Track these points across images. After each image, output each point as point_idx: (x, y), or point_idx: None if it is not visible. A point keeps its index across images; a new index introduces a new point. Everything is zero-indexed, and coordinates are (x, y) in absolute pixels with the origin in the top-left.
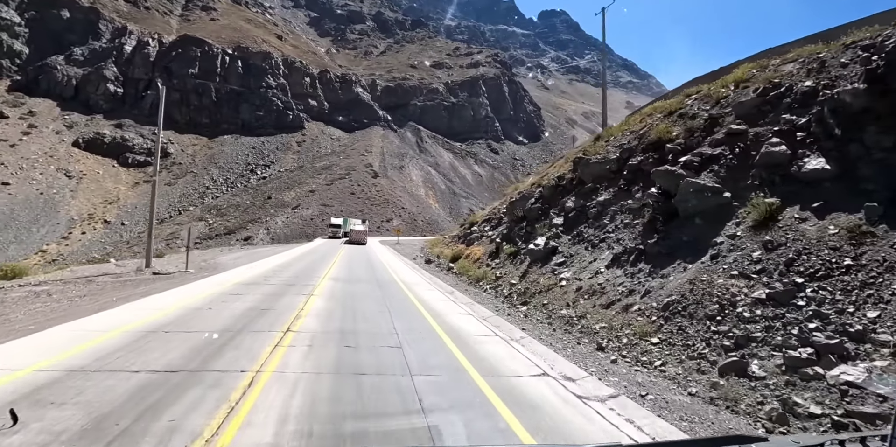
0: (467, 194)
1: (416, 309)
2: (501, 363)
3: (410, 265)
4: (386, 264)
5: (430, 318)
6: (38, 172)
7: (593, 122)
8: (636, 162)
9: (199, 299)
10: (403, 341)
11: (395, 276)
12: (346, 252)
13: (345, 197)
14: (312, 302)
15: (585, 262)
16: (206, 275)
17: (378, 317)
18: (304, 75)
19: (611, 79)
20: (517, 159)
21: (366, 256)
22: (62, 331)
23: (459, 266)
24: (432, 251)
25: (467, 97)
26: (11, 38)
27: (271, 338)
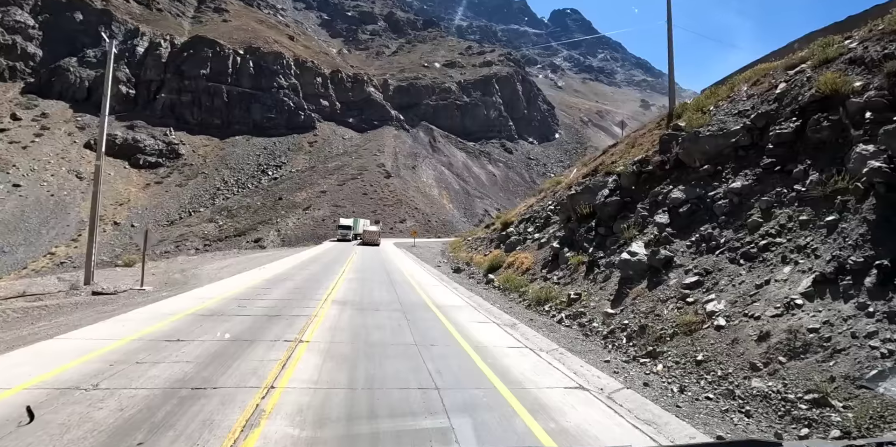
0: (482, 194)
1: (479, 371)
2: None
3: (437, 275)
4: (408, 275)
5: (517, 403)
6: (49, 174)
7: (608, 121)
8: (789, 129)
9: (93, 359)
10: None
11: (424, 295)
12: (357, 258)
13: (357, 197)
14: (296, 363)
15: (748, 285)
16: (165, 295)
17: (421, 411)
18: (316, 75)
19: (625, 77)
20: (531, 159)
21: (381, 263)
22: None
23: (504, 279)
24: (457, 256)
25: (480, 96)
26: (25, 40)
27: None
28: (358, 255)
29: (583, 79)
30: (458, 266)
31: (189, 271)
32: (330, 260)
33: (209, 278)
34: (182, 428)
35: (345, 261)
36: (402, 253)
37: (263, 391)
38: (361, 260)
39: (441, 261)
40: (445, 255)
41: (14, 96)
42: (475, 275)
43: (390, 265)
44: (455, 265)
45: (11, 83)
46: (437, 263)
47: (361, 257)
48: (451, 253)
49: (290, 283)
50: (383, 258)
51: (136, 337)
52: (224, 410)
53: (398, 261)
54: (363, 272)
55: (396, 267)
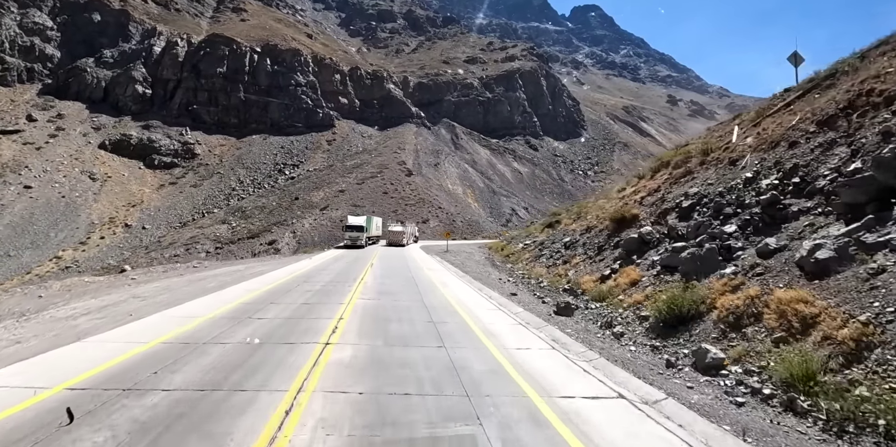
0: (508, 193)
1: None
2: None
3: (519, 318)
4: (467, 317)
5: None
6: (61, 175)
7: (635, 117)
8: None
9: None
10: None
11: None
12: (373, 273)
13: (377, 197)
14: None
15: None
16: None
17: None
18: (335, 72)
19: (648, 73)
20: (558, 156)
21: (411, 283)
22: None
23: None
24: (529, 272)
25: (503, 92)
26: (44, 42)
27: None
28: (372, 275)
29: (606, 75)
30: (562, 299)
31: (89, 311)
32: (334, 277)
33: (87, 331)
34: None
35: (355, 278)
36: (438, 264)
37: None
38: (379, 276)
39: (495, 275)
40: (500, 268)
41: (31, 98)
42: (631, 327)
43: (427, 286)
44: (545, 293)
45: (29, 85)
46: (508, 290)
47: (378, 271)
48: (506, 262)
49: (231, 352)
50: (412, 270)
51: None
52: None
53: (435, 276)
54: (381, 306)
55: (440, 293)
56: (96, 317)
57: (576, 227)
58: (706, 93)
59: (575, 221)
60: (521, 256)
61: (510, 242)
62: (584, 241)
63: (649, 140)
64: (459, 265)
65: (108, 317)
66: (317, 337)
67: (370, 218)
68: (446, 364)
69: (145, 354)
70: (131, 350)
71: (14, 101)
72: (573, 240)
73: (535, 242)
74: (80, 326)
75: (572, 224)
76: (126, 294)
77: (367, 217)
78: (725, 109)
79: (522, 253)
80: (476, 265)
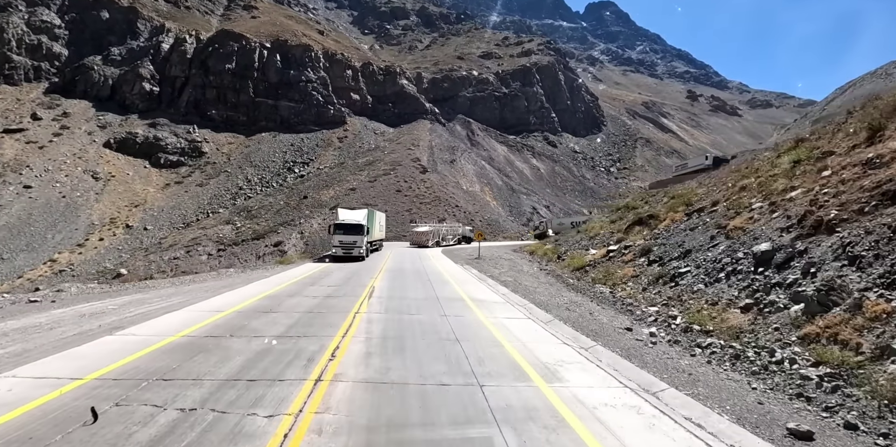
0: (528, 190)
1: None
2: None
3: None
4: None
5: None
6: (63, 174)
7: (655, 113)
8: None
9: None
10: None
11: None
12: (366, 332)
13: (390, 195)
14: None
15: None
16: None
17: None
18: (346, 68)
19: (666, 69)
20: (577, 152)
21: (459, 365)
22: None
23: None
24: (627, 295)
25: (520, 87)
26: (51, 40)
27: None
28: (379, 299)
29: (623, 71)
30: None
31: None
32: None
33: None
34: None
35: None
36: (481, 284)
37: None
38: (391, 327)
39: (636, 332)
40: (586, 293)
41: (37, 96)
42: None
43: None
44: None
45: (36, 83)
46: (597, 323)
47: (387, 312)
48: (582, 279)
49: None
50: (466, 353)
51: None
52: None
53: (531, 360)
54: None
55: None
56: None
57: (745, 224)
58: (726, 88)
59: (699, 214)
60: (611, 271)
61: (561, 244)
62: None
63: (671, 136)
64: (514, 286)
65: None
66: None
67: (372, 212)
68: None
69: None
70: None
71: (20, 99)
72: (776, 248)
73: (632, 248)
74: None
75: (732, 220)
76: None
77: (369, 211)
78: (747, 105)
79: (611, 266)
80: (539, 285)
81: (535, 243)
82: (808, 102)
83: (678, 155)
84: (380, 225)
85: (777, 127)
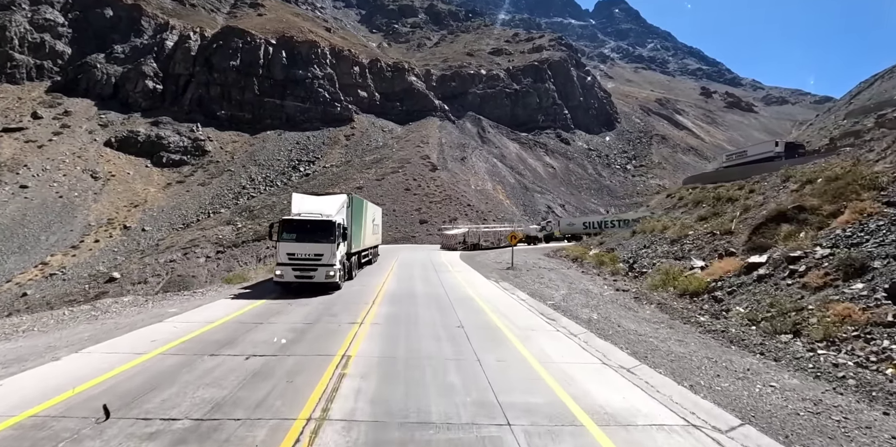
0: (542, 189)
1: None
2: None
3: None
4: None
5: None
6: (61, 174)
7: (669, 110)
8: None
9: None
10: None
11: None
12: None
13: (398, 193)
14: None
15: None
16: None
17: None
18: (353, 64)
19: (678, 66)
20: (591, 150)
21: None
22: None
23: None
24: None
25: (531, 83)
26: (54, 38)
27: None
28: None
29: (634, 68)
30: None
31: None
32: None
33: None
34: None
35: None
36: (554, 332)
37: None
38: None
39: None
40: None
41: (39, 95)
42: None
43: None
44: None
45: (38, 82)
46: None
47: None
48: (711, 320)
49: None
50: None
51: None
52: None
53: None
54: None
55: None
56: None
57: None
58: (739, 85)
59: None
60: (794, 306)
61: (615, 249)
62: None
63: (686, 133)
64: (614, 333)
65: None
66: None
67: (358, 202)
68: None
69: None
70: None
71: (21, 98)
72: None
73: (815, 261)
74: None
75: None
76: None
77: (350, 199)
78: (762, 102)
79: (782, 295)
80: (655, 330)
81: (570, 246)
82: (824, 99)
83: (695, 152)
84: (373, 224)
85: (795, 123)
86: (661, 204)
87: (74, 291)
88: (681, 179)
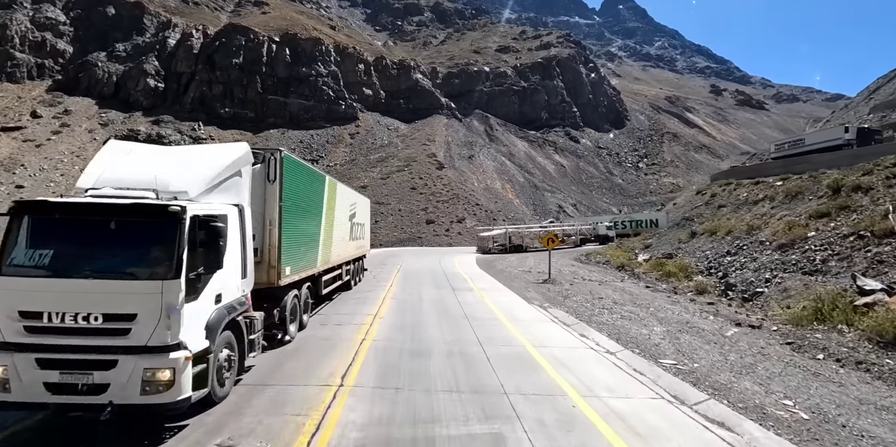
0: (552, 188)
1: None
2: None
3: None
4: None
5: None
6: (58, 174)
7: (679, 107)
8: None
9: None
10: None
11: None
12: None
13: (404, 192)
14: None
15: None
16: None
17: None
18: (358, 62)
19: (686, 65)
20: (602, 148)
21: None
22: None
23: None
24: None
25: (540, 80)
26: (56, 37)
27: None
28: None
29: (642, 66)
30: None
31: None
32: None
33: None
34: None
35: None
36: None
37: None
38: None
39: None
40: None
41: (39, 94)
42: None
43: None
44: None
45: (39, 81)
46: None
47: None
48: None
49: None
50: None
51: None
52: None
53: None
54: None
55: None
56: None
57: None
58: (748, 83)
59: None
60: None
61: (673, 254)
62: None
63: (698, 131)
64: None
65: None
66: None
67: (296, 171)
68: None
69: None
70: None
71: (21, 97)
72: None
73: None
74: None
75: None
76: None
77: (271, 157)
78: (773, 99)
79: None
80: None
81: (602, 249)
82: (836, 96)
83: (708, 150)
84: (352, 223)
85: (809, 120)
86: (689, 201)
87: None
88: (695, 178)
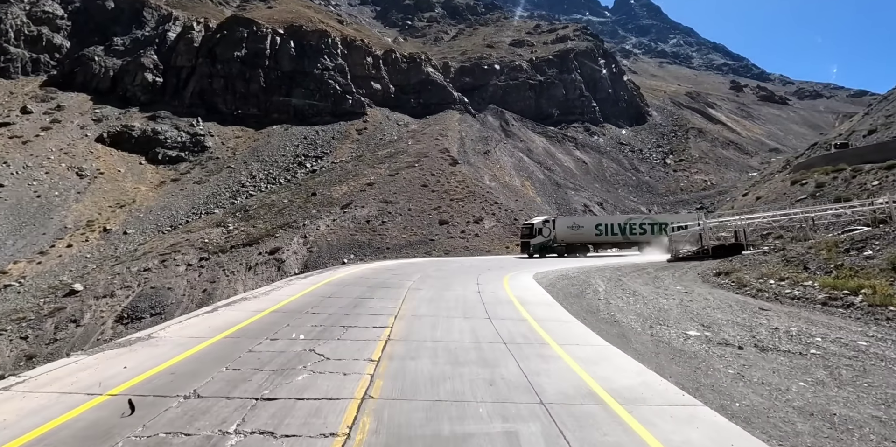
0: (575, 185)
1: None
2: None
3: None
4: None
5: None
6: (43, 171)
7: (701, 103)
8: None
9: None
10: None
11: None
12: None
13: (414, 190)
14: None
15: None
16: None
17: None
18: (366, 55)
19: (702, 62)
20: (624, 144)
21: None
22: None
23: None
24: None
25: (557, 74)
26: (52, 31)
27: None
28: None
29: (659, 63)
30: None
31: None
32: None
33: None
34: None
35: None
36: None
37: None
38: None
39: None
40: None
41: (32, 90)
42: None
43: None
44: None
45: (34, 77)
46: None
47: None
48: None
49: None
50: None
51: None
52: None
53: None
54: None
55: None
56: None
57: None
58: (768, 80)
59: None
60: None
61: (840, 276)
62: None
63: (722, 127)
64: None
65: None
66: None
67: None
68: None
69: None
70: None
71: (13, 93)
72: None
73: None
74: None
75: None
76: None
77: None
78: (794, 96)
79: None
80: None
81: (715, 264)
82: (860, 92)
83: (735, 146)
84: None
85: (838, 116)
86: (782, 193)
87: (27, 307)
88: (726, 175)
